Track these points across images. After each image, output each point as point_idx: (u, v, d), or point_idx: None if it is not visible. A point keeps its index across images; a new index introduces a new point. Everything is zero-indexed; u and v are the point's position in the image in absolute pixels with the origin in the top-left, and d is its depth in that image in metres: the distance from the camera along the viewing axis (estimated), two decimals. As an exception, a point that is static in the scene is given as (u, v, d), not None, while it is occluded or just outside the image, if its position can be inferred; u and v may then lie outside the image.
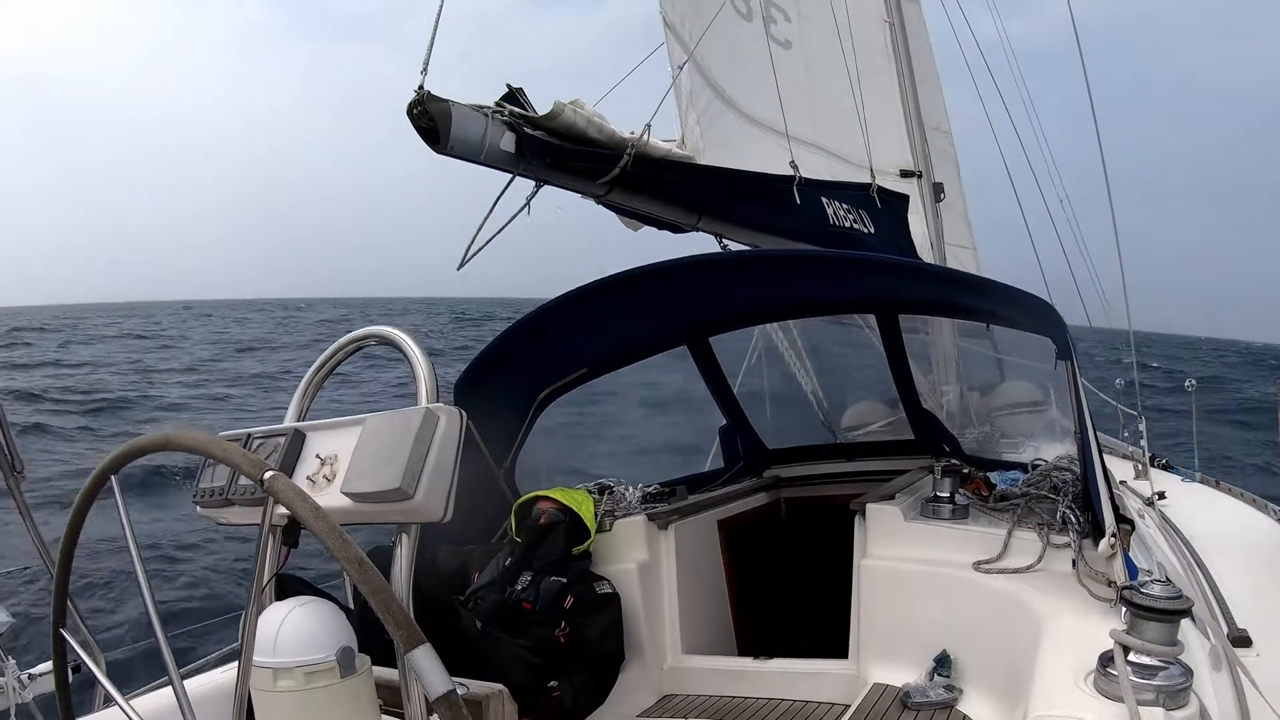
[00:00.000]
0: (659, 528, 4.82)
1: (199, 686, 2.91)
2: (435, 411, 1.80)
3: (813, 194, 5.80)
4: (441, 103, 4.03)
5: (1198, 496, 6.65)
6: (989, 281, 4.44)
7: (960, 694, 3.60)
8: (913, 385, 5.77)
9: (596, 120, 4.57)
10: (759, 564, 5.60)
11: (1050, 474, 4.20)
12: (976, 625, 3.60)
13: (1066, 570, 3.37)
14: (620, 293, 4.56)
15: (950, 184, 9.08)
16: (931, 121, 8.95)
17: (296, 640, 1.77)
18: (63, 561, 1.92)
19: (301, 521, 1.51)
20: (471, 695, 2.36)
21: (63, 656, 1.99)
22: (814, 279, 5.16)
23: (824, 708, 4.20)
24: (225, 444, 1.68)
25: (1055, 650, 2.66)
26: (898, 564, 4.11)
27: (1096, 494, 3.23)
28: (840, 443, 7.69)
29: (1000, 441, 7.64)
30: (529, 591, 4.15)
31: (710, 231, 5.50)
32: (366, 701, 1.85)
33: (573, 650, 4.03)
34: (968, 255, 10.37)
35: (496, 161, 4.29)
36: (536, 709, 3.66)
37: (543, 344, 4.85)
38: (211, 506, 2.06)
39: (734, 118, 6.19)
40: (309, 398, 2.21)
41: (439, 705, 1.39)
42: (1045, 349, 3.79)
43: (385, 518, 1.84)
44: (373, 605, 1.40)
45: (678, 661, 4.70)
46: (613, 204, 5.05)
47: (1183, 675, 2.16)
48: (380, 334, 2.07)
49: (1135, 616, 2.23)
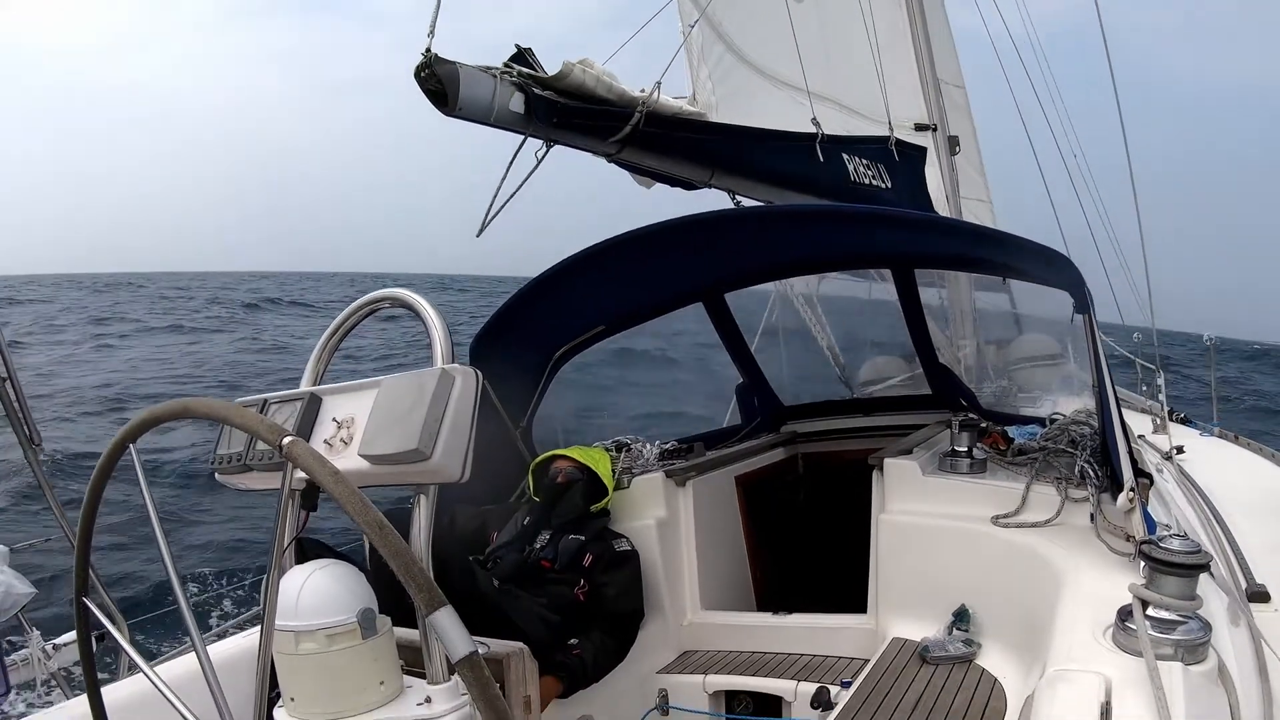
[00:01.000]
0: (677, 484, 4.83)
1: (222, 651, 2.94)
2: (451, 372, 1.80)
3: (834, 150, 5.77)
4: (449, 65, 4.01)
5: (1216, 451, 6.62)
6: (1005, 235, 4.41)
7: (979, 648, 3.60)
8: (929, 340, 5.74)
9: (606, 79, 4.53)
10: (777, 519, 5.61)
11: (1068, 428, 4.18)
12: (995, 580, 3.61)
13: (1085, 524, 3.36)
14: (636, 250, 4.54)
15: (965, 137, 9.00)
16: (945, 75, 8.85)
17: (318, 603, 1.77)
18: (83, 531, 1.93)
19: (320, 485, 1.51)
20: (493, 654, 2.38)
21: (86, 626, 2.00)
22: (830, 234, 5.13)
23: (843, 662, 4.22)
24: (243, 410, 1.69)
25: (1074, 604, 2.66)
26: (916, 518, 4.11)
27: (1115, 448, 3.21)
28: (857, 398, 7.69)
29: (1018, 395, 7.62)
30: (548, 550, 4.17)
31: (723, 188, 5.48)
32: (388, 662, 1.86)
33: (592, 608, 4.06)
34: (983, 208, 10.29)
35: (506, 123, 4.27)
36: (557, 667, 3.68)
37: (558, 302, 4.84)
38: (230, 473, 2.06)
39: (746, 72, 6.15)
40: (324, 362, 2.21)
41: (461, 666, 1.39)
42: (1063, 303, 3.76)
43: (403, 479, 1.84)
44: (393, 568, 1.41)
45: (697, 617, 4.73)
46: (624, 162, 5.03)
47: (1201, 630, 2.16)
48: (395, 296, 2.07)
49: (1154, 571, 2.22)
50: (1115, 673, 2.08)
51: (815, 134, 5.66)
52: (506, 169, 4.44)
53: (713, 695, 4.24)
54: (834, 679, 4.01)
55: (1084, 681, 2.07)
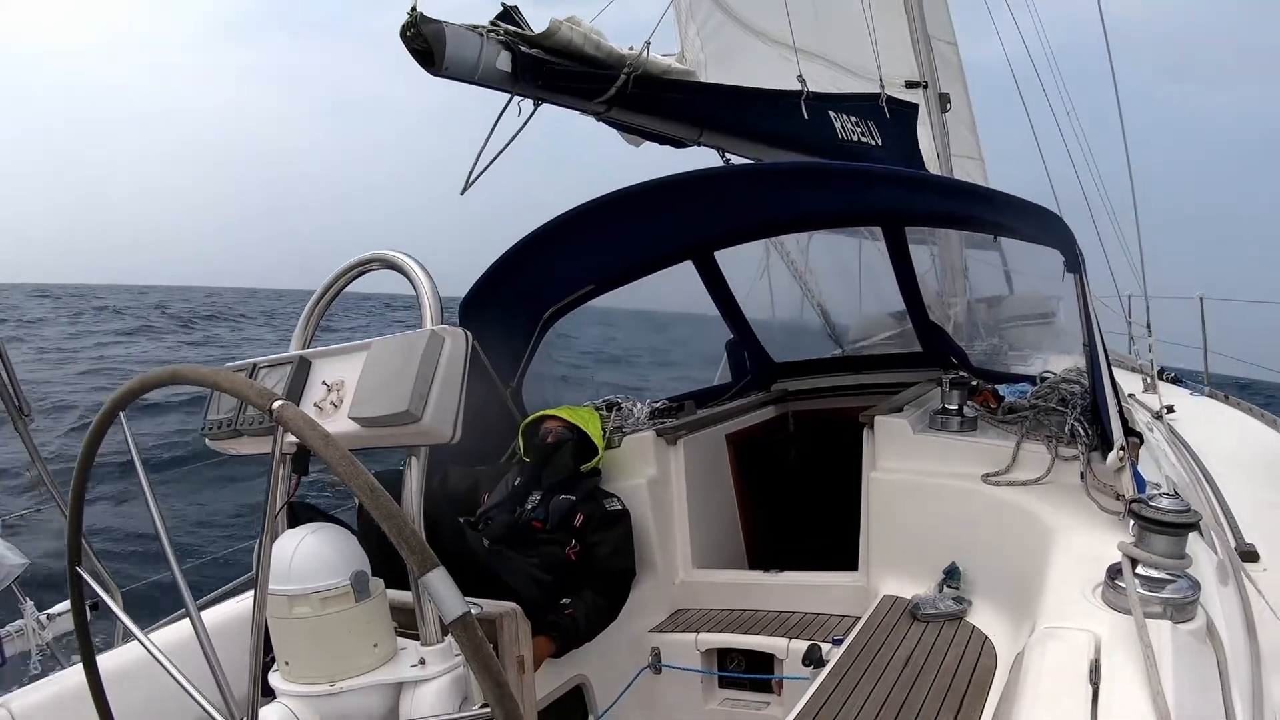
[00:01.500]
0: (668, 443, 4.83)
1: (216, 617, 2.94)
2: (440, 333, 1.79)
3: (821, 108, 5.74)
4: (435, 24, 3.96)
5: (1206, 410, 6.66)
6: (996, 193, 4.39)
7: (969, 605, 3.62)
8: (920, 298, 5.73)
9: (594, 37, 4.49)
10: (768, 477, 5.63)
11: (1059, 386, 4.19)
12: (985, 537, 3.62)
13: (1075, 483, 3.37)
14: (624, 208, 4.52)
15: (956, 95, 8.97)
16: (937, 33, 8.80)
17: (310, 566, 1.77)
18: (75, 500, 1.92)
19: (311, 449, 1.50)
20: (485, 615, 2.38)
21: (80, 595, 2.00)
22: (820, 191, 5.10)
23: (834, 619, 4.25)
24: (231, 375, 1.67)
25: (1063, 562, 2.67)
26: (906, 476, 4.12)
27: (1105, 407, 3.22)
28: (848, 355, 7.70)
29: (1008, 354, 7.64)
30: (539, 510, 4.17)
31: (713, 146, 5.45)
32: (382, 624, 1.87)
33: (584, 567, 4.06)
34: (975, 166, 10.29)
35: (492, 81, 4.23)
36: (549, 626, 3.70)
37: (547, 262, 4.81)
38: (220, 438, 2.05)
39: (735, 29, 6.10)
40: (313, 325, 2.19)
41: (454, 628, 1.39)
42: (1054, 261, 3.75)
43: (394, 441, 1.83)
44: (385, 530, 1.40)
45: (689, 576, 4.75)
46: (613, 120, 5.00)
47: (1190, 588, 2.17)
48: (383, 257, 2.05)
49: (1143, 529, 2.23)
50: (1104, 630, 2.09)
51: (801, 91, 5.62)
52: (492, 127, 4.40)
53: (705, 653, 4.27)
54: (825, 636, 4.04)
55: (1073, 639, 2.09)
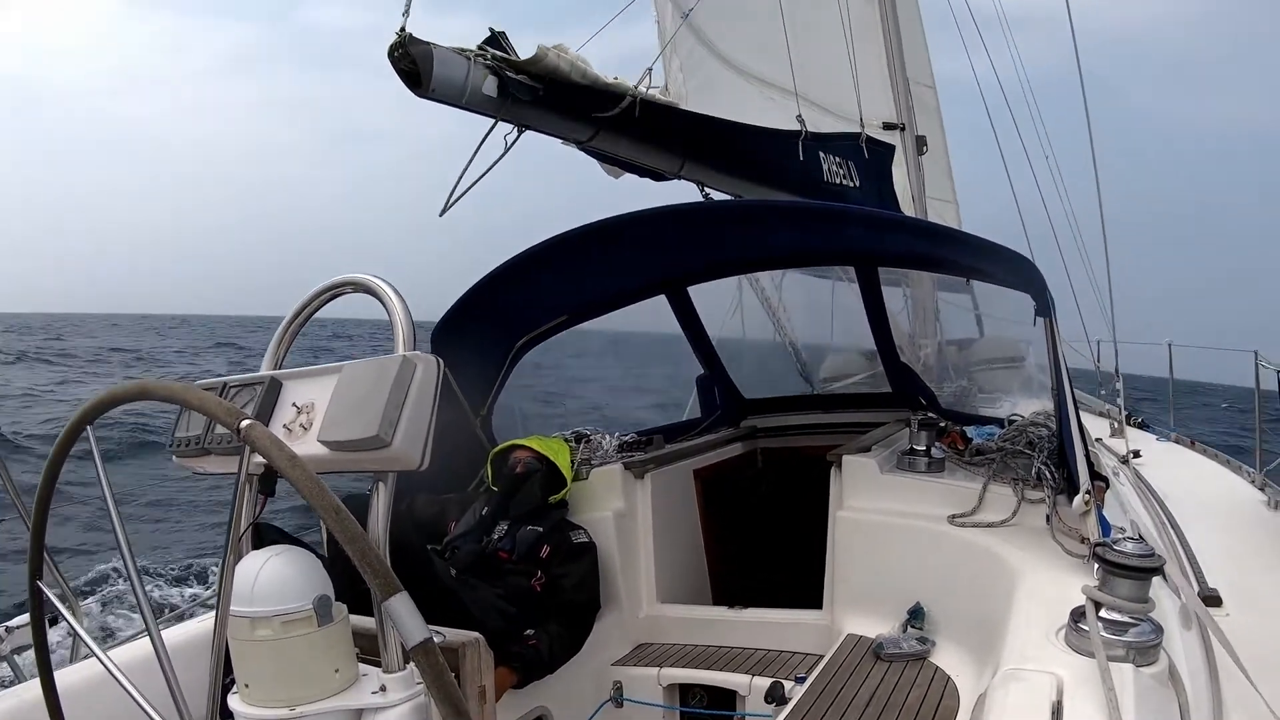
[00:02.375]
0: (635, 477, 4.82)
1: (176, 636, 2.90)
2: (412, 359, 1.79)
3: (814, 148, 5.82)
4: (423, 45, 3.97)
5: (1172, 455, 6.72)
6: (969, 236, 4.43)
7: (933, 646, 3.63)
8: (891, 338, 5.77)
9: (580, 65, 4.51)
10: (735, 514, 5.62)
11: (1026, 429, 4.21)
12: (950, 578, 3.63)
13: (1041, 525, 3.39)
14: (601, 240, 4.53)
15: (933, 138, 9.07)
16: (916, 76, 8.91)
17: (273, 589, 1.76)
18: (39, 514, 1.90)
19: (278, 470, 1.49)
20: (448, 644, 2.36)
21: (40, 609, 1.97)
22: (795, 230, 5.14)
23: (798, 657, 4.23)
24: (201, 393, 1.66)
25: (1028, 605, 2.68)
26: (873, 516, 4.13)
27: (1072, 450, 3.24)
28: (818, 394, 7.72)
29: (977, 396, 7.70)
30: (505, 540, 4.15)
31: (693, 179, 5.48)
32: (344, 650, 1.85)
33: (548, 599, 4.05)
34: (949, 209, 10.39)
35: (478, 105, 4.24)
36: (512, 657, 3.67)
37: (521, 291, 4.81)
38: (188, 456, 2.03)
39: (716, 65, 6.18)
40: (285, 346, 2.18)
41: (416, 653, 1.38)
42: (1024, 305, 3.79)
43: (362, 466, 1.82)
44: (349, 553, 1.40)
45: (653, 610, 4.73)
46: (596, 150, 5.02)
47: (1153, 632, 2.19)
48: (357, 281, 2.04)
49: (1107, 573, 2.25)
50: (1067, 673, 2.10)
51: (800, 131, 5.68)
52: (474, 151, 4.41)
53: (667, 688, 4.25)
54: (788, 674, 4.03)
55: (1036, 681, 2.09)
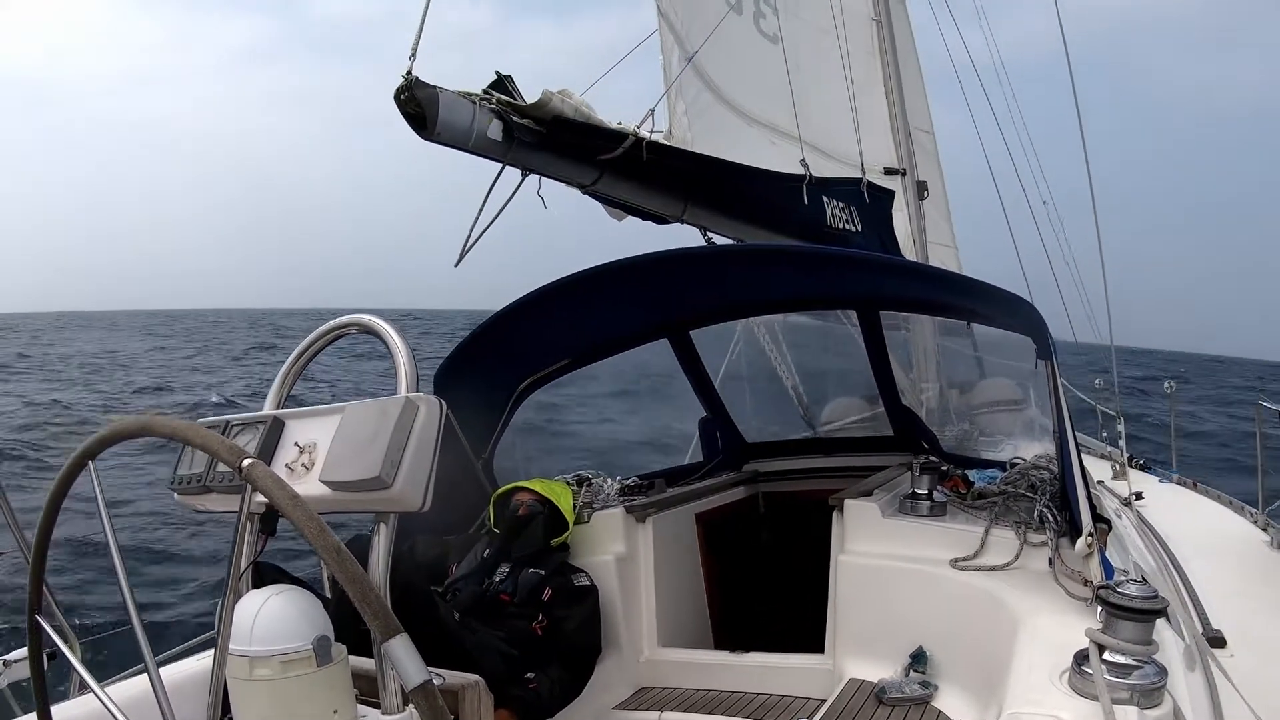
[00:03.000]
0: (637, 520, 4.81)
1: (175, 674, 2.89)
2: (415, 401, 1.80)
3: (818, 193, 5.84)
4: (429, 89, 4.01)
5: (1175, 497, 6.70)
6: (970, 280, 4.45)
7: (936, 690, 3.60)
8: (893, 382, 5.77)
9: (585, 110, 4.56)
10: (737, 558, 5.60)
11: (1028, 473, 4.21)
12: (953, 622, 3.61)
13: (1043, 569, 3.38)
14: (603, 284, 4.55)
15: (933, 183, 9.12)
16: (915, 121, 8.98)
17: (273, 629, 1.75)
18: (39, 547, 1.90)
19: (279, 509, 1.50)
20: (447, 686, 2.36)
21: (38, 643, 1.97)
22: (797, 274, 5.16)
23: (799, 702, 4.20)
24: (204, 431, 1.67)
25: (1031, 648, 2.67)
26: (875, 560, 4.11)
27: (1074, 493, 3.24)
28: (819, 438, 7.71)
29: (979, 439, 7.67)
30: (507, 583, 4.14)
31: (695, 224, 5.51)
32: (343, 691, 1.84)
33: (550, 642, 4.02)
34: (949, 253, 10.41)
35: (484, 149, 4.28)
36: (513, 700, 3.64)
37: (524, 334, 4.83)
38: (189, 493, 2.04)
39: (721, 110, 6.22)
40: (288, 385, 2.19)
41: (415, 695, 1.38)
42: (1026, 348, 3.80)
43: (363, 506, 1.83)
44: (350, 594, 1.40)
45: (654, 654, 4.70)
46: (599, 194, 5.05)
47: (1157, 674, 2.17)
48: (361, 322, 2.06)
49: (1111, 616, 2.24)
50: (1071, 716, 2.09)
51: (804, 176, 5.72)
52: (485, 197, 4.46)
53: None
54: (790, 719, 4.00)
55: None
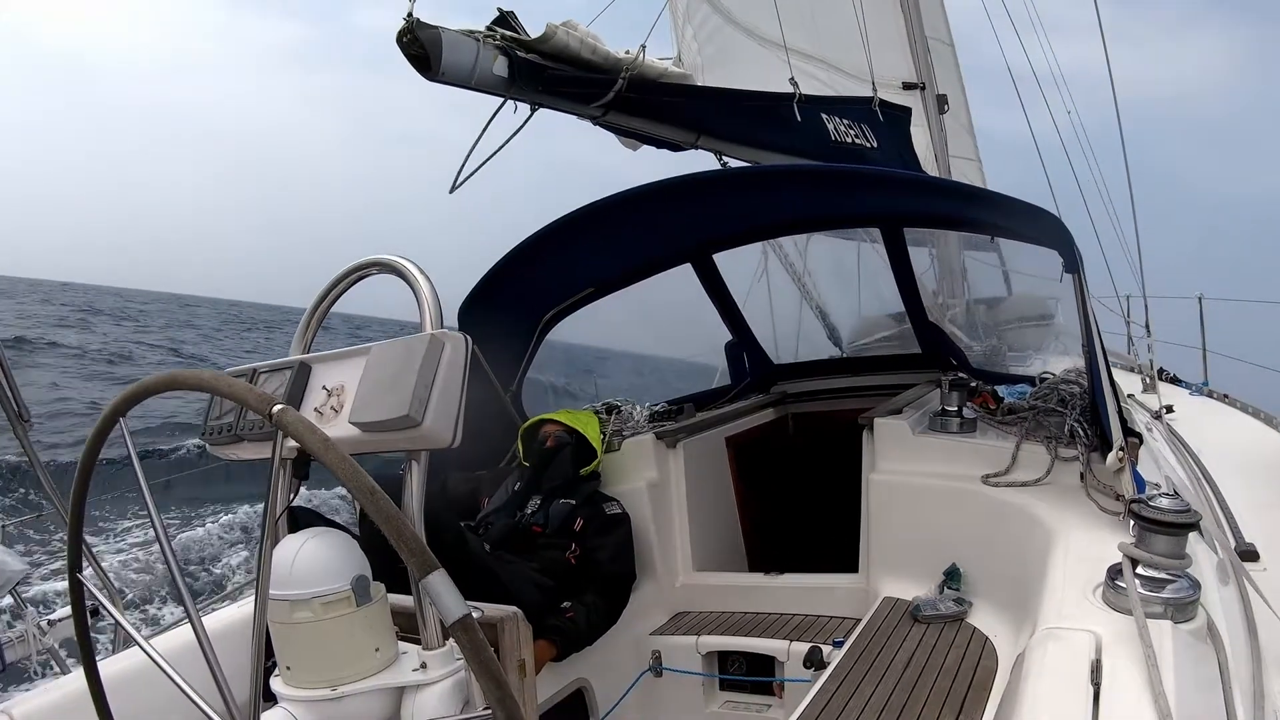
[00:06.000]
0: (667, 446, 4.83)
1: (216, 622, 2.93)
2: (440, 338, 1.79)
3: (813, 111, 5.73)
4: (431, 29, 3.96)
5: (1206, 410, 6.64)
6: (993, 194, 4.39)
7: (970, 606, 3.62)
8: (919, 299, 5.73)
9: (590, 41, 4.49)
10: (768, 480, 5.63)
11: (1058, 387, 4.18)
12: (985, 539, 3.62)
13: (1074, 484, 3.37)
14: (623, 212, 4.52)
15: (954, 96, 8.97)
16: (933, 33, 8.80)
17: (311, 571, 1.77)
18: (75, 507, 1.92)
19: (311, 453, 1.50)
20: (486, 619, 2.38)
21: (81, 601, 1.99)
22: (817, 193, 5.11)
23: (835, 621, 4.24)
24: (231, 380, 1.67)
25: (1064, 563, 2.67)
26: (906, 478, 4.12)
27: (1104, 407, 3.22)
28: (847, 357, 7.69)
29: (1007, 355, 7.63)
30: (538, 515, 4.18)
31: (709, 149, 5.45)
32: (383, 629, 1.87)
33: (584, 571, 4.07)
34: (972, 168, 10.29)
35: (488, 87, 4.24)
36: (550, 630, 3.70)
37: (546, 265, 4.82)
38: (221, 444, 2.05)
39: (731, 32, 6.11)
40: (312, 330, 2.19)
41: (455, 630, 1.39)
42: (1052, 261, 3.75)
43: (394, 446, 1.83)
44: (385, 533, 1.40)
45: (689, 579, 4.75)
46: (610, 125, 5.00)
47: (1190, 588, 2.17)
48: (383, 261, 2.04)
49: (1143, 530, 2.23)
50: (1105, 631, 2.09)
51: (793, 94, 5.62)
52: (483, 128, 4.41)
53: (705, 656, 4.27)
54: (826, 639, 4.04)
55: (1074, 639, 2.09)
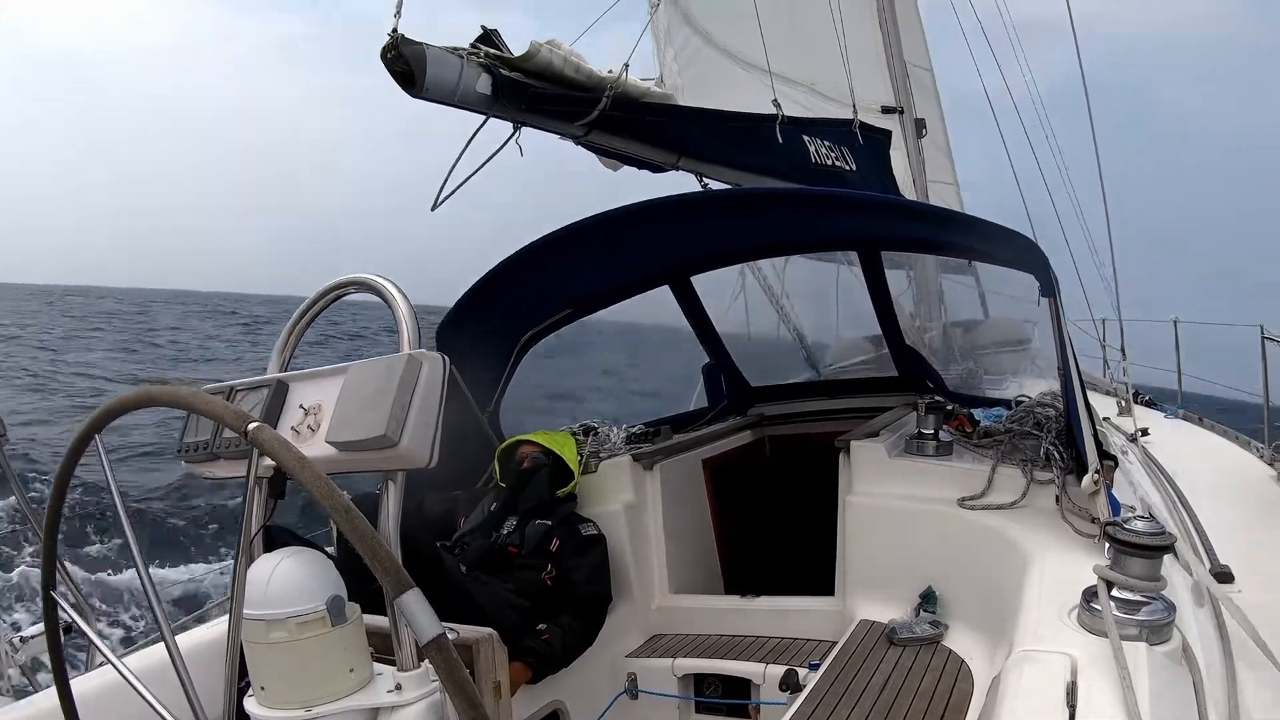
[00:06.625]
0: (644, 468, 4.83)
1: (191, 641, 2.90)
2: (418, 357, 1.79)
3: (795, 133, 5.76)
4: (415, 46, 3.97)
5: (1181, 433, 6.69)
6: (971, 218, 4.42)
7: (946, 629, 3.63)
8: (896, 322, 5.76)
9: (574, 60, 4.51)
10: (744, 502, 5.62)
11: (1033, 410, 4.21)
12: (961, 561, 3.63)
13: (1050, 506, 3.39)
14: (602, 233, 4.53)
15: (932, 120, 9.04)
16: (913, 58, 8.88)
17: (287, 591, 1.76)
18: (50, 523, 1.90)
19: (287, 472, 1.49)
20: (461, 639, 2.37)
21: (54, 618, 1.97)
22: (796, 216, 5.13)
23: (811, 644, 4.24)
24: (208, 397, 1.66)
25: (1039, 586, 2.68)
26: (882, 500, 4.12)
27: (1079, 430, 3.24)
28: (824, 380, 7.71)
29: (984, 378, 7.67)
30: (514, 535, 4.16)
31: (690, 171, 5.47)
32: (358, 649, 1.85)
33: (560, 593, 4.05)
34: (950, 191, 10.36)
35: (472, 104, 4.25)
36: (526, 652, 3.68)
37: (525, 286, 4.81)
38: (196, 461, 2.03)
39: (713, 54, 6.14)
40: (290, 349, 2.18)
41: (429, 649, 1.38)
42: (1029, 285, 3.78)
43: (371, 465, 1.82)
44: (360, 552, 1.39)
45: (665, 601, 4.73)
46: (592, 145, 5.01)
47: (1165, 610, 2.18)
48: (361, 280, 2.04)
49: (1118, 552, 2.24)
50: (1080, 653, 2.10)
51: (775, 115, 5.65)
52: (464, 146, 4.42)
53: (681, 679, 4.25)
54: (802, 661, 4.03)
55: (1050, 662, 2.09)
